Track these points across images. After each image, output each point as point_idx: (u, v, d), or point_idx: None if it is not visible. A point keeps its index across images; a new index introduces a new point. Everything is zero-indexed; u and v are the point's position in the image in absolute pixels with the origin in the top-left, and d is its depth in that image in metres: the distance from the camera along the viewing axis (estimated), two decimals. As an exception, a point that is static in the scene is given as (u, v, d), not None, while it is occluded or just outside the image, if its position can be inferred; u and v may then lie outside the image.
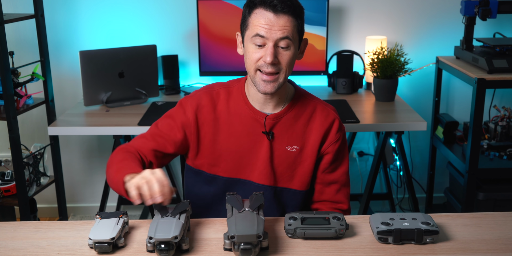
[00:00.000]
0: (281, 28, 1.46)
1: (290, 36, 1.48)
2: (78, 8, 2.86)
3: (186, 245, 1.29)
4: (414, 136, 3.09)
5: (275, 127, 1.60)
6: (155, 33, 2.90)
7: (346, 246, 1.32)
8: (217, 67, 2.77)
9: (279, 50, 1.49)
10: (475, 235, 1.37)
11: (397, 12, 2.91)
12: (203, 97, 1.63)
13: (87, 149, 3.10)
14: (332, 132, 1.62)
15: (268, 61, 1.47)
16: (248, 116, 1.60)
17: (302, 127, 1.61)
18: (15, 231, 1.41)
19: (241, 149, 1.61)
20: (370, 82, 2.85)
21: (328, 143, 1.62)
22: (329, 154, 1.63)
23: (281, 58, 1.50)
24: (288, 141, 1.61)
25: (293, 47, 1.51)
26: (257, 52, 1.49)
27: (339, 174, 1.66)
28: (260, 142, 1.60)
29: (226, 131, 1.61)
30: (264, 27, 1.46)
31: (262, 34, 1.47)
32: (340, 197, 1.67)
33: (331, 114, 1.63)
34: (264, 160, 1.60)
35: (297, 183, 1.64)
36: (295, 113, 1.61)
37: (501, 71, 2.41)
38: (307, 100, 1.64)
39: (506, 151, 2.62)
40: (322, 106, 1.65)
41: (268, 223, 1.43)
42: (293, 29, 1.49)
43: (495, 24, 2.90)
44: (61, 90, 2.94)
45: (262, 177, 1.61)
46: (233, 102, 1.62)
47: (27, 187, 2.43)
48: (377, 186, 3.18)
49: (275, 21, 1.46)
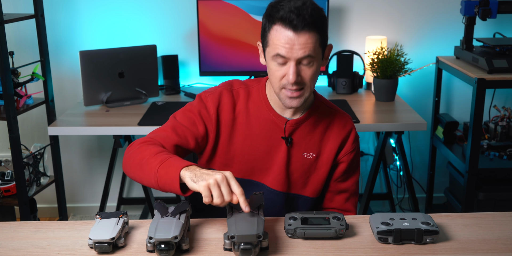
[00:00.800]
0: (302, 47, 1.39)
1: (312, 53, 1.41)
2: (78, 8, 2.86)
3: (186, 245, 1.28)
4: (414, 136, 3.09)
5: (294, 133, 1.58)
6: (155, 33, 2.90)
7: (346, 246, 1.32)
8: (217, 67, 2.77)
9: (301, 68, 1.43)
10: (475, 235, 1.37)
11: (397, 12, 2.91)
12: (225, 95, 1.58)
13: (87, 149, 3.10)
14: (349, 142, 1.61)
15: (291, 81, 1.42)
16: (268, 120, 1.57)
17: (320, 134, 1.59)
18: (15, 231, 1.41)
19: (257, 151, 1.58)
20: (370, 82, 2.85)
21: (344, 152, 1.61)
22: (343, 163, 1.62)
23: (304, 74, 1.44)
24: (305, 148, 1.59)
25: (316, 61, 1.44)
26: (280, 70, 1.44)
27: (350, 183, 1.66)
28: (277, 146, 1.58)
29: (243, 132, 1.58)
30: (285, 47, 1.39)
31: (283, 54, 1.40)
32: (348, 206, 1.67)
33: (348, 123, 1.62)
34: (280, 165, 1.58)
35: (309, 190, 1.63)
36: (315, 120, 1.59)
37: (501, 71, 2.41)
38: (326, 107, 1.62)
39: (506, 151, 2.62)
40: (340, 114, 1.63)
41: (268, 223, 1.43)
42: (315, 44, 1.41)
43: (495, 24, 2.90)
44: (61, 90, 2.94)
45: (276, 183, 1.60)
46: (252, 103, 1.58)
47: (27, 187, 2.43)
48: (377, 186, 3.18)
49: (295, 39, 1.38)
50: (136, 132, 2.35)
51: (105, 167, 2.87)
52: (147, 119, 2.40)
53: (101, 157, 3.09)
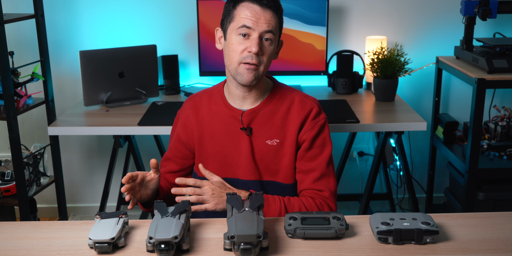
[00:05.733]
0: (267, 21, 1.52)
1: (274, 30, 1.54)
2: (78, 8, 2.86)
3: (186, 245, 1.29)
4: (414, 136, 3.09)
5: (252, 122, 1.62)
6: (155, 33, 2.90)
7: (346, 246, 1.32)
8: (217, 67, 2.77)
9: (263, 43, 1.53)
10: (475, 235, 1.37)
11: (397, 12, 2.91)
12: (187, 107, 1.71)
13: (87, 149, 3.10)
14: (308, 120, 1.62)
15: (254, 51, 1.51)
16: (226, 115, 1.64)
17: (281, 120, 1.62)
18: (15, 231, 1.41)
19: (224, 148, 1.65)
20: (370, 82, 2.85)
21: (303, 131, 1.62)
22: (305, 141, 1.62)
23: (265, 51, 1.54)
24: (267, 135, 1.62)
25: (274, 43, 1.56)
26: (242, 43, 1.53)
27: (318, 162, 1.61)
28: (240, 139, 1.63)
29: (209, 133, 1.66)
30: (251, 19, 1.51)
31: (248, 25, 1.51)
32: (318, 185, 1.60)
33: (308, 104, 1.64)
34: (246, 156, 1.62)
35: (282, 176, 1.64)
36: (273, 107, 1.63)
37: (501, 71, 2.41)
38: (285, 93, 1.65)
39: (506, 151, 2.62)
40: (301, 97, 1.65)
41: (268, 223, 1.43)
42: (276, 25, 1.55)
43: (495, 24, 2.90)
44: (61, 90, 2.94)
45: (247, 173, 1.63)
46: (213, 104, 1.67)
47: (27, 187, 2.43)
48: (377, 186, 3.18)
49: (261, 13, 1.52)
50: (136, 132, 2.35)
51: (105, 167, 2.87)
52: (147, 119, 2.40)
53: (101, 157, 3.09)
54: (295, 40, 2.72)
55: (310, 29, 2.71)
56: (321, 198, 1.59)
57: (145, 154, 2.97)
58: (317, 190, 1.61)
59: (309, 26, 2.70)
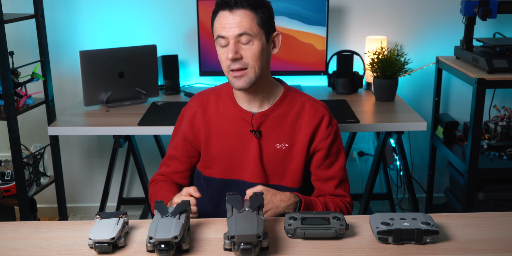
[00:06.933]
0: (237, 25, 1.48)
1: (248, 31, 1.48)
2: (78, 8, 2.86)
3: (186, 245, 1.29)
4: (414, 136, 3.09)
5: (262, 125, 1.61)
6: (155, 33, 2.90)
7: (346, 246, 1.32)
8: (217, 67, 2.76)
9: (240, 46, 1.50)
10: (475, 235, 1.37)
11: (397, 12, 2.91)
12: (194, 104, 1.68)
13: (87, 149, 3.10)
14: (322, 128, 1.62)
15: (229, 58, 1.49)
16: (236, 116, 1.62)
17: (291, 124, 1.62)
18: (15, 231, 1.41)
19: (231, 149, 1.63)
20: (370, 82, 2.85)
21: (318, 139, 1.62)
22: (321, 150, 1.63)
23: (245, 53, 1.50)
24: (277, 138, 1.61)
25: (257, 41, 1.50)
26: (224, 52, 1.52)
27: (336, 169, 1.66)
28: (249, 141, 1.62)
29: (216, 133, 1.64)
30: (223, 27, 1.49)
31: (222, 35, 1.50)
32: (340, 191, 1.67)
33: (320, 110, 1.63)
34: (254, 158, 1.62)
35: (288, 180, 1.64)
36: (283, 110, 1.62)
37: (501, 71, 2.41)
38: (295, 97, 1.65)
39: (506, 151, 2.62)
40: (311, 102, 1.65)
41: (268, 223, 1.43)
42: (252, 23, 1.49)
43: (495, 24, 2.90)
44: (61, 90, 2.94)
45: (253, 176, 1.63)
46: (222, 104, 1.65)
47: (27, 187, 2.43)
48: (377, 186, 3.18)
49: (231, 18, 1.48)
50: (136, 132, 2.35)
51: (105, 167, 2.87)
52: (147, 119, 2.40)
53: (101, 157, 3.09)
54: (295, 40, 2.72)
55: (310, 29, 2.71)
56: (345, 202, 1.66)
57: (145, 154, 2.96)
58: (340, 196, 1.67)
59: (309, 26, 2.70)
